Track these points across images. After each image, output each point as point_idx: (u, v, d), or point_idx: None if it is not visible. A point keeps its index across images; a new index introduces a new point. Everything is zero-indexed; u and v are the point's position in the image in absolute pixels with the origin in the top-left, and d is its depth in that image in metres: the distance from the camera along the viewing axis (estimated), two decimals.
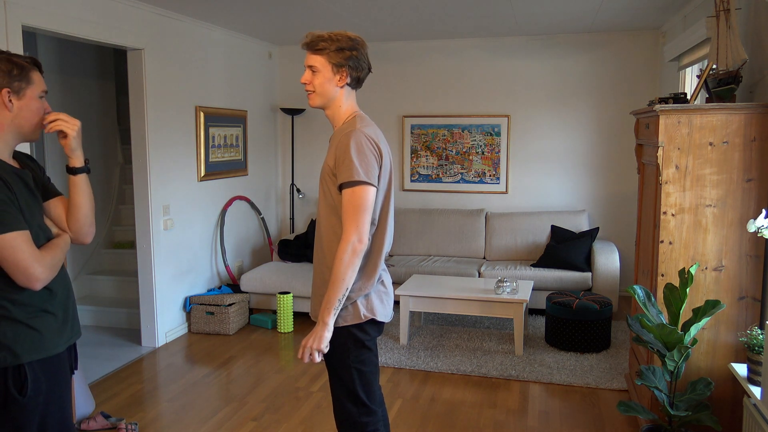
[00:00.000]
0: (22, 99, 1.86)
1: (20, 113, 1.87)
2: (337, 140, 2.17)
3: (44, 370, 1.86)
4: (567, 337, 4.57)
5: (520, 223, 5.94)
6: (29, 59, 1.90)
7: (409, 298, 4.70)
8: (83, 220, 2.02)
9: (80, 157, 2.00)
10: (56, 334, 1.90)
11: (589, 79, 6.03)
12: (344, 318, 2.17)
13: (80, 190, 2.00)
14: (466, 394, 3.91)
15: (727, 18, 3.09)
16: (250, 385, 4.07)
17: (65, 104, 5.38)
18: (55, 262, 1.88)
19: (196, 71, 5.27)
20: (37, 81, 1.90)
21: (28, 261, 1.77)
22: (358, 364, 2.22)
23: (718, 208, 2.95)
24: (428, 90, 6.44)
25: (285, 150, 6.87)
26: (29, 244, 1.80)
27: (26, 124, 1.90)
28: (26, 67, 1.87)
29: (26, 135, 1.93)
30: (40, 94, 1.91)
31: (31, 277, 1.78)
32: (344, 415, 2.26)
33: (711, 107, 2.91)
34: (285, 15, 5.02)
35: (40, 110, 1.92)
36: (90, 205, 2.03)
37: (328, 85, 2.16)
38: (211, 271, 5.62)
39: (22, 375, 1.81)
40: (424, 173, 6.54)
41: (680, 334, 2.65)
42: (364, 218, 2.07)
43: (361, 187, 2.07)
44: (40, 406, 1.85)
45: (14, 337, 1.81)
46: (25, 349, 1.82)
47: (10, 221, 1.76)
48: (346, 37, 2.15)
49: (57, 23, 3.83)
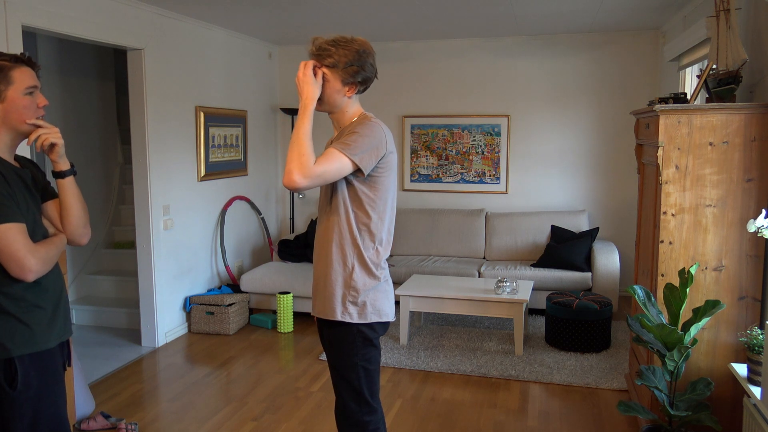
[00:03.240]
0: (5, 101, 1.87)
1: (8, 114, 1.88)
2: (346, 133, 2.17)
3: (35, 365, 1.88)
4: (567, 337, 4.57)
5: (520, 223, 5.94)
6: (10, 57, 1.89)
7: (409, 298, 4.70)
8: (76, 222, 2.04)
9: (66, 162, 2.02)
10: (47, 330, 1.92)
11: (589, 79, 6.03)
12: (353, 316, 2.19)
13: (70, 193, 2.03)
14: (466, 394, 3.91)
15: (727, 18, 3.09)
16: (250, 385, 4.07)
17: (65, 104, 5.39)
18: (49, 256, 1.90)
19: (196, 71, 5.27)
20: (20, 78, 1.89)
21: (22, 252, 1.80)
22: (365, 362, 2.23)
23: (718, 208, 2.95)
24: (428, 90, 6.44)
25: (285, 150, 6.87)
26: (24, 235, 1.83)
27: (18, 123, 1.91)
28: (5, 67, 1.86)
29: (24, 132, 1.94)
30: (25, 91, 1.90)
31: (25, 267, 1.81)
32: (346, 413, 2.27)
33: (711, 107, 2.91)
34: (285, 15, 5.02)
35: (29, 106, 1.92)
36: (81, 206, 2.05)
37: (336, 95, 2.15)
38: (211, 271, 5.62)
39: (12, 369, 1.84)
40: (424, 173, 6.54)
41: (680, 334, 2.65)
42: (324, 168, 2.02)
43: (341, 152, 2.04)
44: (31, 401, 1.87)
45: (5, 330, 1.84)
46: (15, 342, 1.84)
47: (6, 213, 1.79)
48: (354, 51, 2.10)
49: (57, 23, 3.83)
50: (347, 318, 2.19)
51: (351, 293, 2.20)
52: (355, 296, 2.19)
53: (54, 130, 1.96)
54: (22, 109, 1.90)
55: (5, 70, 1.86)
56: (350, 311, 2.19)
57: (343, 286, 2.20)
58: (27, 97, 1.91)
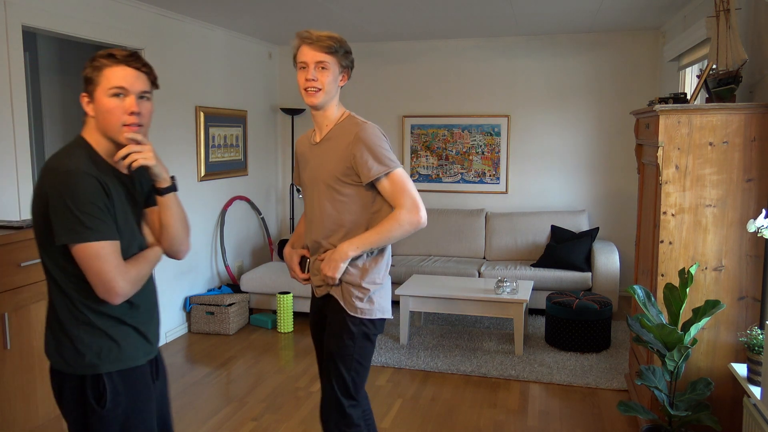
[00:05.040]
0: (93, 102, 1.74)
1: (98, 116, 1.74)
2: (344, 143, 2.21)
3: (124, 383, 1.79)
4: (567, 337, 4.57)
5: (520, 223, 5.94)
6: (108, 54, 1.74)
7: (409, 298, 4.70)
8: (173, 240, 1.90)
9: (166, 178, 1.86)
10: (136, 347, 1.83)
11: (589, 79, 6.03)
12: (361, 311, 2.25)
13: (170, 211, 1.88)
14: (466, 394, 3.91)
15: (727, 18, 3.09)
16: (250, 385, 4.07)
17: (65, 104, 5.39)
18: (140, 276, 1.78)
19: (196, 71, 5.27)
20: (107, 78, 1.71)
21: (111, 273, 1.68)
22: (360, 356, 2.29)
23: (718, 208, 2.95)
24: (428, 90, 6.43)
25: (285, 150, 6.87)
26: (116, 255, 1.70)
27: (107, 128, 1.74)
28: (99, 66, 1.73)
29: (115, 137, 1.76)
30: (110, 93, 1.71)
31: (111, 291, 1.69)
32: (333, 403, 2.31)
33: (711, 107, 2.91)
34: (285, 15, 5.02)
35: (115, 110, 1.72)
36: (180, 224, 1.91)
37: (334, 84, 2.22)
38: (211, 271, 5.62)
39: (101, 386, 1.75)
40: (424, 173, 6.54)
41: (680, 334, 2.65)
42: (414, 193, 2.20)
43: (394, 171, 2.19)
44: (119, 419, 1.78)
45: (93, 345, 1.75)
46: (104, 359, 1.75)
47: (101, 229, 1.67)
48: (344, 39, 2.23)
49: (57, 23, 3.83)
50: (355, 311, 2.30)
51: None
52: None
53: (146, 149, 1.76)
54: (105, 112, 1.72)
55: (98, 68, 1.72)
56: (357, 305, 2.31)
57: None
58: (112, 100, 1.71)
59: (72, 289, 1.73)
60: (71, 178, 1.65)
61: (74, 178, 1.66)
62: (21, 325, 2.86)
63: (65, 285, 1.74)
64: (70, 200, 1.64)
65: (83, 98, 1.76)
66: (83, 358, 1.74)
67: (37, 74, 5.18)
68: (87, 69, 1.75)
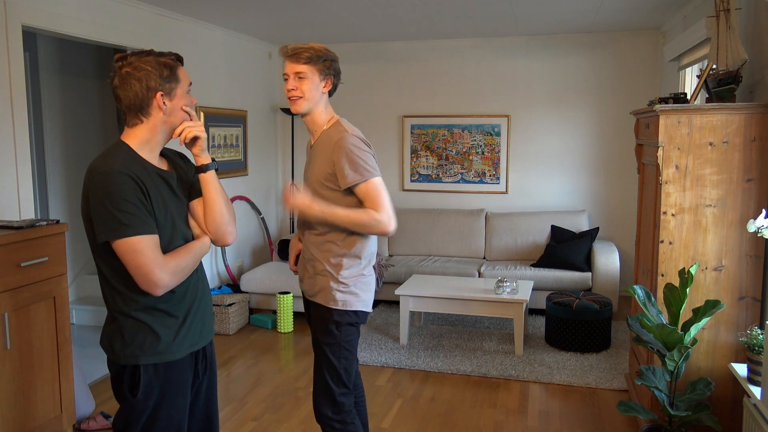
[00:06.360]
0: (174, 99, 1.86)
1: (172, 113, 1.88)
2: (328, 150, 2.34)
3: (159, 376, 1.86)
4: (567, 337, 4.57)
5: (520, 223, 5.94)
6: (173, 56, 1.89)
7: (409, 298, 4.70)
8: (219, 219, 1.98)
9: (207, 156, 1.97)
10: (176, 340, 1.89)
11: (589, 79, 6.03)
12: (343, 303, 2.39)
13: (212, 187, 1.97)
14: (466, 394, 3.91)
15: (727, 18, 3.09)
16: (250, 385, 4.07)
17: (65, 104, 5.39)
18: (180, 267, 1.85)
19: (195, 71, 5.26)
20: (183, 77, 1.89)
21: (150, 266, 1.76)
22: (347, 343, 2.43)
23: (718, 208, 2.95)
24: (428, 90, 6.44)
25: (285, 150, 6.87)
26: (153, 248, 1.77)
27: (177, 122, 1.90)
28: (173, 66, 1.86)
29: (175, 131, 1.93)
30: (188, 89, 1.91)
31: (151, 282, 1.77)
32: (325, 390, 2.44)
33: (711, 107, 2.91)
34: (285, 15, 5.02)
35: (190, 104, 1.93)
36: (224, 202, 1.99)
37: (315, 91, 2.34)
38: (211, 271, 5.62)
39: (136, 376, 1.84)
40: (424, 173, 6.54)
41: (680, 334, 2.65)
42: (388, 204, 2.30)
43: (371, 180, 2.29)
44: (148, 410, 1.86)
45: (137, 337, 1.83)
46: (144, 350, 1.83)
47: (137, 224, 1.75)
48: (324, 49, 2.34)
49: (57, 23, 3.83)
50: (338, 305, 2.44)
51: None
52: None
53: (198, 124, 1.94)
54: (185, 106, 1.90)
55: (174, 68, 1.86)
56: (341, 298, 2.45)
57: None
58: (188, 96, 1.92)
59: (119, 284, 1.84)
60: (106, 178, 1.75)
61: (109, 177, 1.75)
62: (21, 325, 2.86)
63: (114, 280, 1.85)
64: (106, 199, 1.74)
65: (160, 97, 1.84)
66: (127, 348, 1.84)
67: (37, 74, 5.18)
68: (164, 69, 1.85)
